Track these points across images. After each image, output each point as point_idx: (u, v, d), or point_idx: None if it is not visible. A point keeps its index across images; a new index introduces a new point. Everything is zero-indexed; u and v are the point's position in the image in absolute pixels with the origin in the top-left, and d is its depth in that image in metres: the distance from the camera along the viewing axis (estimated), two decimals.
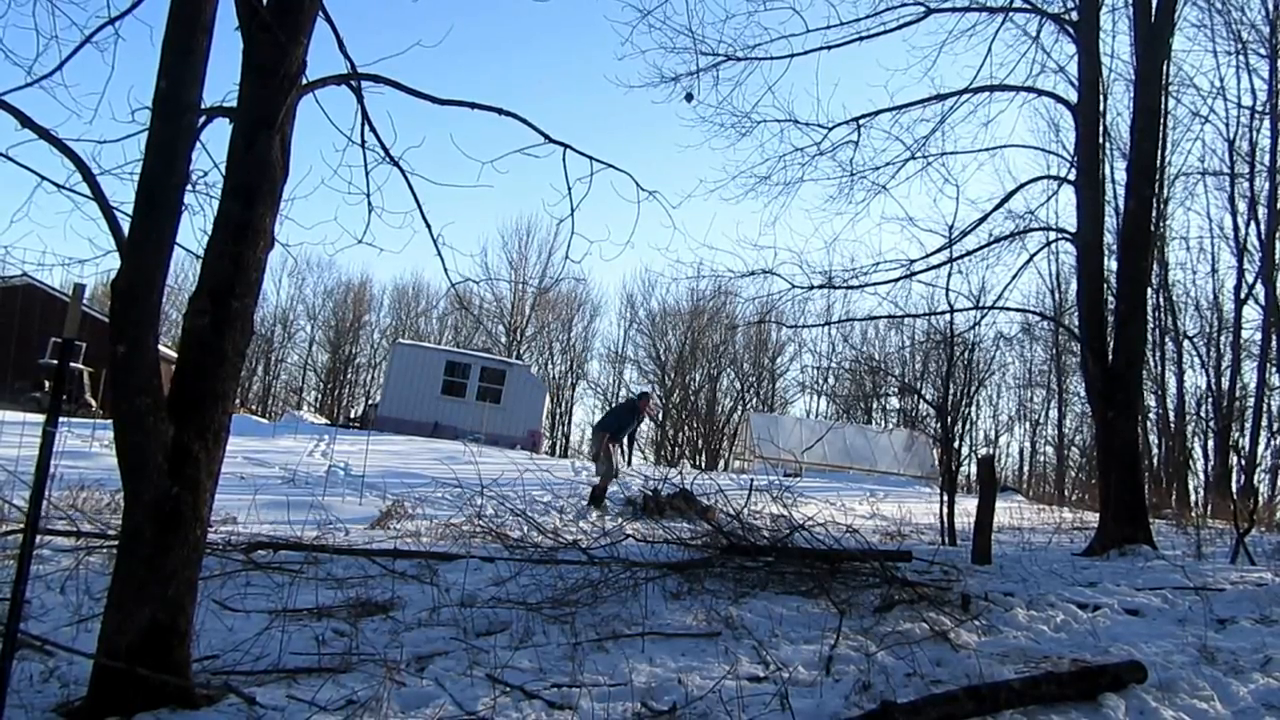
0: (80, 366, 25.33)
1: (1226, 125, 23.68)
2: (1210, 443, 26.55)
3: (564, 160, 5.41)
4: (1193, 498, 23.95)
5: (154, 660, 3.94)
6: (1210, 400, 26.34)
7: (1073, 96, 11.82)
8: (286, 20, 4.26)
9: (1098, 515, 11.45)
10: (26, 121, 4.27)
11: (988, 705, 4.25)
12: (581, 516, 11.95)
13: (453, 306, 49.13)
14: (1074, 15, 11.61)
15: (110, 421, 4.15)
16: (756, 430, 32.06)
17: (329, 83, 4.79)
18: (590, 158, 5.46)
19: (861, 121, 12.17)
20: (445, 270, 6.24)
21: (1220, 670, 5.10)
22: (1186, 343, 26.86)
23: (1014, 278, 16.27)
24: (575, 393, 52.52)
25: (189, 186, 4.28)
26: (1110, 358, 10.76)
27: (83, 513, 8.68)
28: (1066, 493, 30.52)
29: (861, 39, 11.82)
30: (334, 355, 53.26)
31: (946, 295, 12.13)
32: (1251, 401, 24.97)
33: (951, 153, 12.95)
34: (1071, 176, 11.75)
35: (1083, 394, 26.31)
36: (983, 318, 13.06)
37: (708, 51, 12.21)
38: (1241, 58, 21.30)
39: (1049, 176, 12.81)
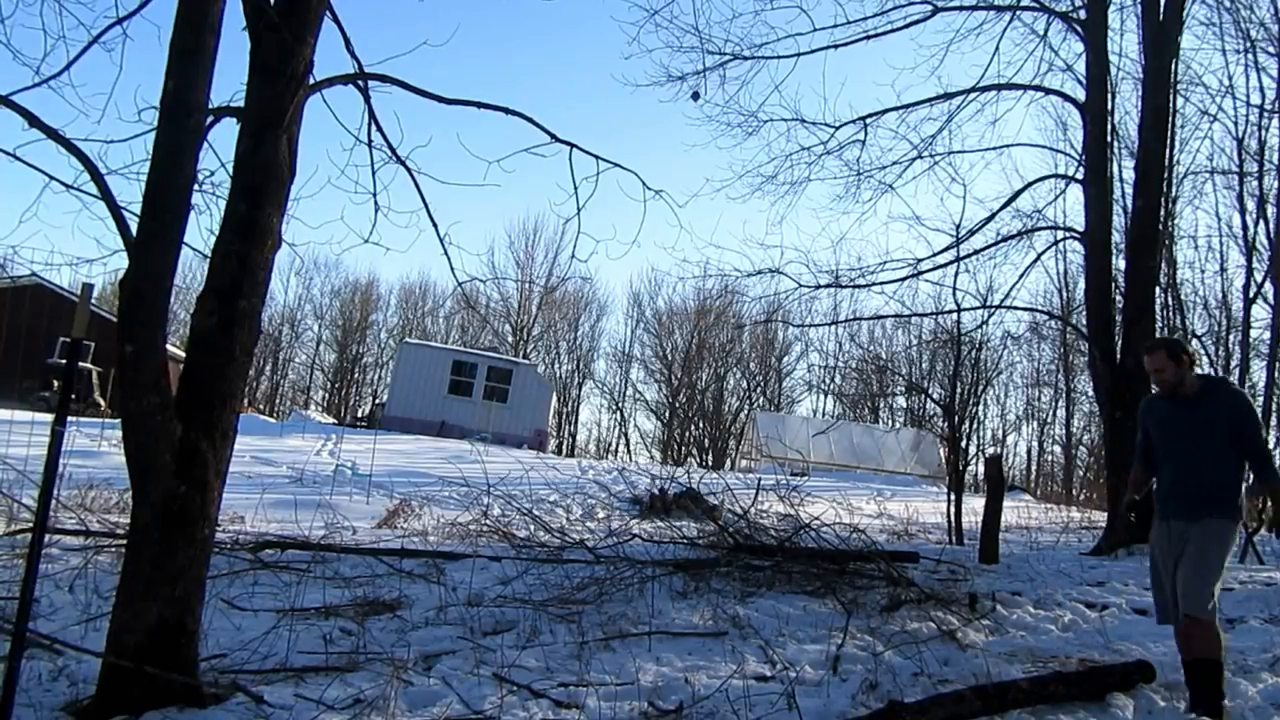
0: (89, 366, 25.40)
1: (1235, 124, 23.47)
2: None
3: (570, 159, 5.42)
4: None
5: (162, 659, 3.95)
6: None
7: (1080, 95, 11.79)
8: (293, 20, 4.27)
9: (1106, 515, 11.41)
10: (34, 121, 4.28)
11: (995, 705, 4.24)
12: (589, 515, 11.94)
13: (459, 306, 49.15)
14: (1082, 14, 11.57)
15: (118, 421, 4.16)
16: (763, 429, 32.02)
17: (336, 82, 4.80)
18: (596, 157, 5.47)
19: (868, 120, 12.16)
20: (452, 269, 6.28)
21: (1229, 670, 5.07)
22: (1195, 342, 26.73)
23: (1021, 277, 16.38)
24: (582, 392, 52.50)
25: (196, 186, 4.29)
26: (1118, 357, 10.73)
27: (91, 512, 8.71)
28: (1074, 492, 30.41)
29: (869, 38, 11.82)
30: (341, 355, 53.27)
31: (954, 294, 12.11)
32: (1260, 401, 24.85)
33: (959, 151, 12.95)
34: (1079, 175, 11.73)
35: (1091, 393, 26.24)
36: (990, 317, 13.05)
37: (714, 50, 12.22)
38: (1250, 56, 21.10)
39: (1057, 175, 12.80)
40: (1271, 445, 23.75)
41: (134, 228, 4.13)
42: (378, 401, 38.12)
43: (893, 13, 11.79)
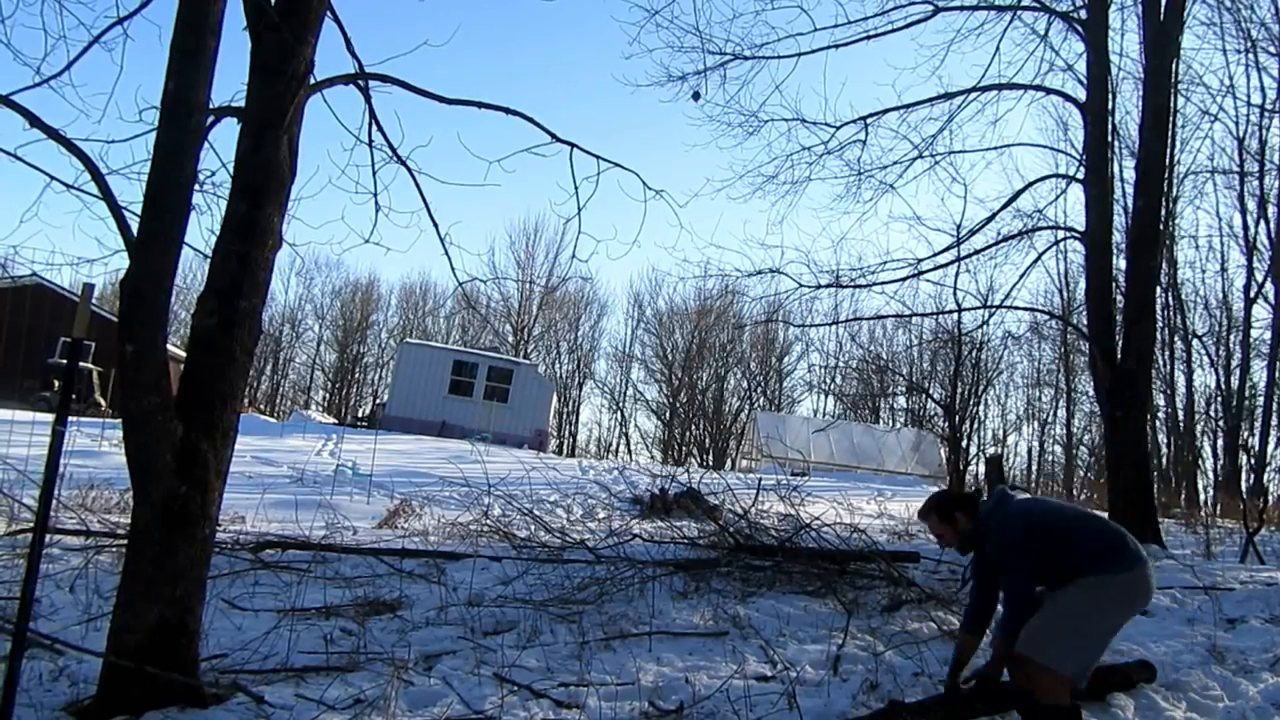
0: (89, 366, 25.41)
1: (1236, 123, 23.55)
2: (1219, 442, 26.44)
3: (571, 159, 5.42)
4: (1202, 497, 23.85)
5: (163, 659, 3.95)
6: (1219, 399, 26.22)
7: (1081, 95, 11.78)
8: (293, 20, 4.27)
9: (1106, 515, 11.40)
10: (35, 121, 4.29)
11: (995, 705, 4.23)
12: (589, 515, 11.94)
13: (460, 306, 49.14)
14: (1082, 14, 11.56)
15: (119, 421, 4.17)
16: (763, 429, 32.01)
17: (336, 82, 4.80)
18: (597, 157, 5.47)
19: (869, 120, 12.14)
20: (452, 269, 6.30)
21: (1230, 670, 5.08)
22: (1195, 342, 26.74)
23: (1022, 276, 16.39)
24: (582, 392, 52.50)
25: (197, 186, 4.29)
26: (1119, 357, 10.73)
27: (92, 512, 8.71)
28: (1075, 492, 30.42)
29: (869, 38, 11.80)
30: (342, 355, 53.28)
31: (954, 294, 12.11)
32: (1261, 400, 24.85)
33: (959, 151, 12.93)
34: (1080, 175, 11.71)
35: (1091, 393, 26.24)
36: (991, 317, 13.05)
37: (715, 50, 12.20)
38: (1251, 56, 21.12)
39: (1057, 175, 12.78)
40: (1274, 444, 23.76)
41: (135, 228, 4.13)
42: (378, 401, 38.14)
43: (893, 13, 11.77)
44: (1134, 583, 3.90)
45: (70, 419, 4.09)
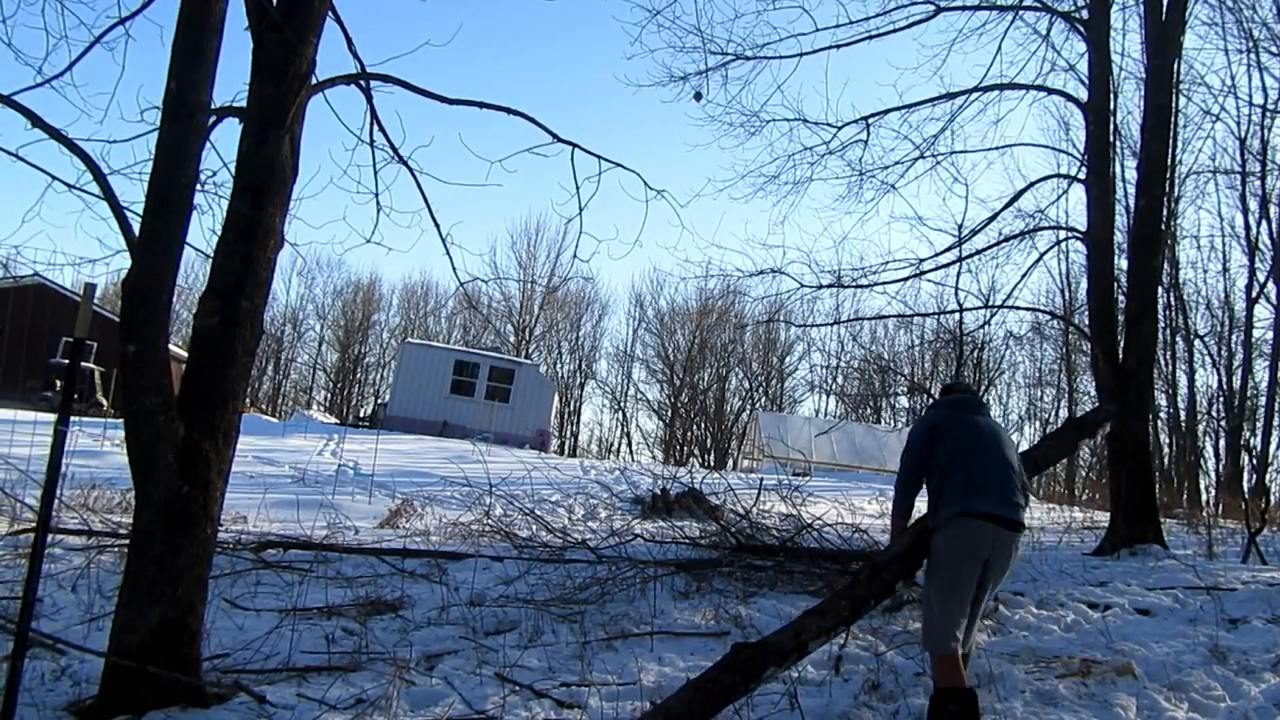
0: (91, 366, 25.41)
1: (1238, 123, 23.50)
2: (1221, 442, 26.42)
3: (572, 159, 5.43)
4: (1204, 497, 23.81)
5: (164, 658, 3.95)
6: (1221, 399, 26.19)
7: (1083, 95, 11.77)
8: (295, 20, 4.28)
9: (1108, 515, 11.39)
10: (37, 121, 4.29)
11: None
12: (590, 515, 11.94)
13: (461, 306, 49.10)
14: (1084, 14, 11.54)
15: (121, 420, 4.17)
16: (765, 429, 32.01)
17: (338, 82, 4.81)
18: (598, 157, 5.48)
19: (871, 120, 12.12)
20: (454, 269, 6.33)
21: (1231, 670, 5.07)
22: (1197, 342, 26.70)
23: (1024, 276, 16.36)
24: (584, 392, 52.51)
25: (198, 186, 4.30)
26: (1120, 357, 10.71)
27: (94, 511, 8.72)
28: (1077, 492, 30.39)
29: (871, 38, 11.78)
30: (343, 354, 53.31)
31: (956, 294, 12.04)
32: (1263, 400, 24.82)
33: (961, 151, 12.92)
34: (1082, 175, 11.69)
35: (1093, 393, 26.20)
36: (992, 317, 13.00)
37: (717, 50, 12.19)
38: (1253, 56, 21.04)
39: (1059, 175, 12.76)
40: (1276, 444, 23.78)
41: (136, 228, 4.14)
42: (380, 401, 38.17)
43: (895, 13, 11.74)
44: (961, 536, 4.09)
45: (72, 419, 4.09)
